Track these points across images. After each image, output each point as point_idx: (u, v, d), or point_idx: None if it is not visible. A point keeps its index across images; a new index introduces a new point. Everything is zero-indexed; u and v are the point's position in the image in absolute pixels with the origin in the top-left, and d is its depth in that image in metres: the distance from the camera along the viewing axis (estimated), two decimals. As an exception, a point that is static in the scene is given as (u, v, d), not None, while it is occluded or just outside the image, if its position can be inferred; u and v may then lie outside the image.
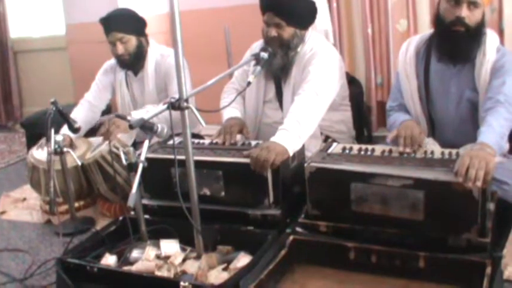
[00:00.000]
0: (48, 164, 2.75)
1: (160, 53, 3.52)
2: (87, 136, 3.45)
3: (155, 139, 2.62)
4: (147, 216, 2.57)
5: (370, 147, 2.50)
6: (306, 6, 2.89)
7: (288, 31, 2.84)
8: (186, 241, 2.45)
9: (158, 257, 2.40)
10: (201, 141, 2.88)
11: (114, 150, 2.90)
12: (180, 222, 2.36)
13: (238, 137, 2.81)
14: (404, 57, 2.79)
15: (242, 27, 4.03)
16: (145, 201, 2.69)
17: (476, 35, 2.55)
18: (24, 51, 5.98)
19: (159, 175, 2.63)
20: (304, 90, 2.76)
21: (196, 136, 3.17)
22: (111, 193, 3.11)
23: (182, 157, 2.26)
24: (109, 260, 2.39)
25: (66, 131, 3.11)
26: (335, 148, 2.54)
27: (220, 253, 2.39)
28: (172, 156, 2.32)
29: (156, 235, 2.51)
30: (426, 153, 2.38)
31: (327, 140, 2.98)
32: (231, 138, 2.77)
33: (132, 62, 3.47)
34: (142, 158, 2.22)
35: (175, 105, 2.17)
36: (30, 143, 3.90)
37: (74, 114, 3.44)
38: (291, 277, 2.24)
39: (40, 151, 3.14)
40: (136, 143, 3.26)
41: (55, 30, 5.70)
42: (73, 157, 2.97)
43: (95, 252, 2.46)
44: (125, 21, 3.40)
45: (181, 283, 2.07)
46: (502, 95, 2.46)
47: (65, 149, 2.89)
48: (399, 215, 2.19)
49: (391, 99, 2.91)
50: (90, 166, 3.06)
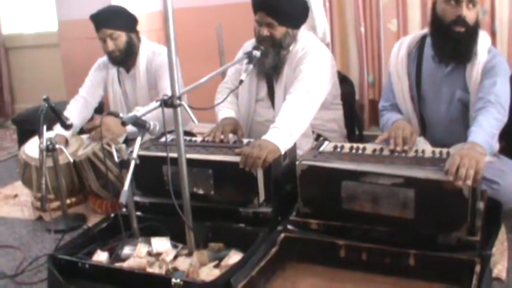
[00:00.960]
0: (40, 160, 2.75)
1: (152, 50, 3.51)
2: (80, 133, 3.44)
3: (147, 136, 2.62)
4: (138, 213, 2.57)
5: (361, 146, 2.51)
6: (298, 6, 2.89)
7: (280, 31, 2.84)
8: (178, 238, 2.45)
9: (150, 253, 2.40)
10: (193, 139, 2.88)
11: (106, 147, 2.90)
12: (171, 219, 2.37)
13: (231, 136, 2.81)
14: (396, 57, 2.81)
15: (235, 26, 4.02)
16: (137, 198, 2.69)
17: (474, 35, 2.57)
18: (16, 48, 5.95)
19: (151, 172, 2.62)
20: (296, 89, 2.77)
21: (188, 134, 3.17)
22: (103, 190, 3.10)
23: (174, 155, 2.26)
24: (100, 256, 2.40)
25: (60, 130, 3.11)
26: (326, 146, 2.55)
27: (211, 250, 2.40)
28: (164, 154, 2.32)
29: (148, 232, 2.52)
30: (417, 152, 2.39)
31: (319, 138, 2.99)
32: (223, 137, 2.77)
33: (123, 58, 3.46)
34: (135, 155, 2.22)
35: (168, 103, 2.17)
36: (22, 139, 3.88)
37: (68, 111, 3.45)
38: (282, 274, 2.25)
39: (32, 148, 3.13)
40: (129, 140, 3.26)
41: (47, 26, 5.67)
42: (65, 154, 2.97)
43: (86, 248, 2.46)
44: (114, 18, 3.39)
45: (173, 280, 2.07)
46: (492, 96, 2.48)
47: (57, 146, 2.88)
48: (390, 213, 2.20)
49: (384, 99, 2.92)
50: (82, 163, 3.06)
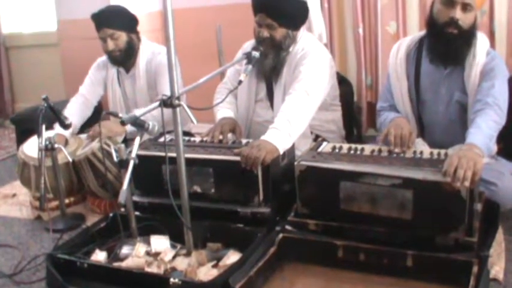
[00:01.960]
0: (39, 160, 2.75)
1: (151, 51, 3.51)
2: (80, 132, 3.45)
3: (146, 136, 2.63)
4: (137, 213, 2.58)
5: (359, 147, 2.52)
6: (297, 7, 2.90)
7: (280, 32, 2.84)
8: (176, 238, 2.46)
9: (148, 253, 2.41)
10: (192, 139, 2.89)
11: (105, 147, 2.90)
12: (170, 219, 2.38)
13: (230, 136, 2.82)
14: (395, 58, 2.81)
15: (234, 26, 4.03)
16: (135, 198, 2.69)
17: (468, 38, 2.57)
18: (16, 47, 5.94)
19: (150, 172, 2.63)
20: (295, 90, 2.77)
21: (187, 134, 3.18)
22: (101, 190, 3.10)
23: (173, 154, 2.27)
24: (99, 256, 2.40)
25: (60, 130, 3.11)
26: (325, 147, 2.55)
27: (210, 250, 2.40)
28: (163, 154, 2.33)
29: (147, 232, 2.52)
30: (415, 153, 2.40)
31: (317, 139, 2.99)
32: (221, 137, 2.78)
33: (123, 58, 3.47)
34: (133, 155, 2.22)
35: (167, 103, 2.17)
36: (20, 139, 3.89)
37: (69, 109, 3.45)
38: (280, 275, 2.26)
39: (31, 147, 3.13)
40: (127, 140, 3.26)
41: (47, 26, 5.66)
42: (64, 153, 2.97)
43: (85, 248, 2.47)
44: (115, 18, 3.39)
45: (171, 280, 2.08)
46: (491, 98, 2.49)
47: (56, 145, 2.89)
48: (388, 214, 2.21)
49: (382, 99, 2.92)
50: (81, 163, 3.06)
